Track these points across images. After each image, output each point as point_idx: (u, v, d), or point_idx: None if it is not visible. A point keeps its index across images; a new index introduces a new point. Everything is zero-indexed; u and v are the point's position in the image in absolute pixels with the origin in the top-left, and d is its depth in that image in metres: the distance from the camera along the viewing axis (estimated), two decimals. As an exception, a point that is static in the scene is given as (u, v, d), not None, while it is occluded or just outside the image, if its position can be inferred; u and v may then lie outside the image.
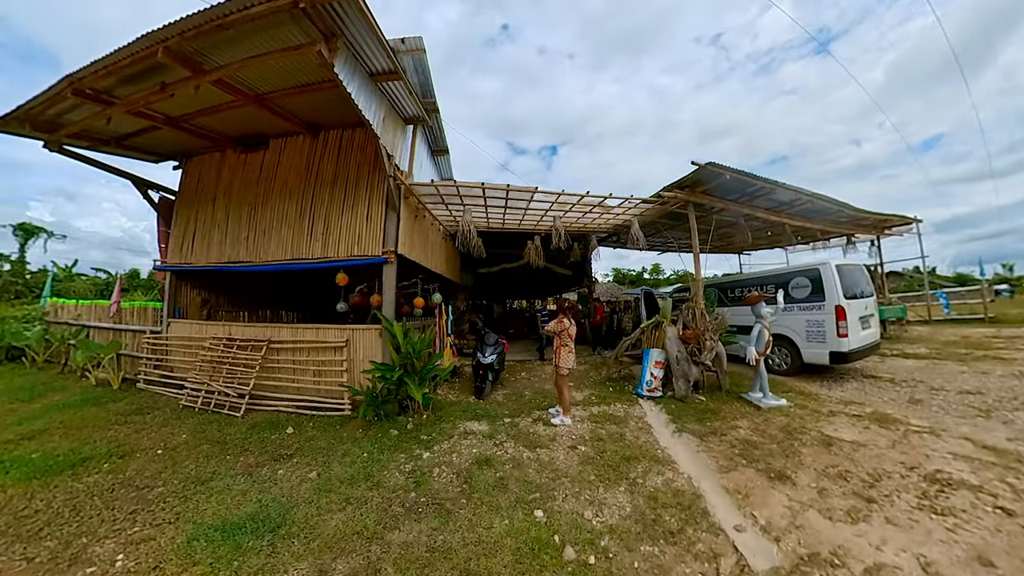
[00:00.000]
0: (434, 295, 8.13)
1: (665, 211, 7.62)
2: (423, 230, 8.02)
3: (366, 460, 3.88)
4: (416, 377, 5.27)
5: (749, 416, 4.94)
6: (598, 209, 7.50)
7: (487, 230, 9.80)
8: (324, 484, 3.41)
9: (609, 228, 9.39)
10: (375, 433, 4.63)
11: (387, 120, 5.65)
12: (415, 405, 5.19)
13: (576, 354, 5.27)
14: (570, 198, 6.62)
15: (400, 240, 6.51)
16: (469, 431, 4.70)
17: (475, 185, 6.35)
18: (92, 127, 6.16)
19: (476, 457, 3.94)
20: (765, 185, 6.47)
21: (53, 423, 5.15)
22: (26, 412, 5.69)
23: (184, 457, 4.09)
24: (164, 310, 7.60)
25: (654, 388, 5.82)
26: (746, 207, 7.30)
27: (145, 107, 5.55)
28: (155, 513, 3.05)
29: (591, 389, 6.63)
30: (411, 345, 5.35)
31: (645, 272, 46.08)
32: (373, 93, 5.15)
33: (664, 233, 10.83)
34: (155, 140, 7.15)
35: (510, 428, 4.84)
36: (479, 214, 8.39)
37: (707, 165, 5.68)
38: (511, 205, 7.35)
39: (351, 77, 4.54)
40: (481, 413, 5.40)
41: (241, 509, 3.04)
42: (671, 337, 5.77)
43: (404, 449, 4.18)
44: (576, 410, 5.46)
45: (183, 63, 4.52)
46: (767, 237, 10.91)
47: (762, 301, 5.26)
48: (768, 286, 7.14)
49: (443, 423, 4.94)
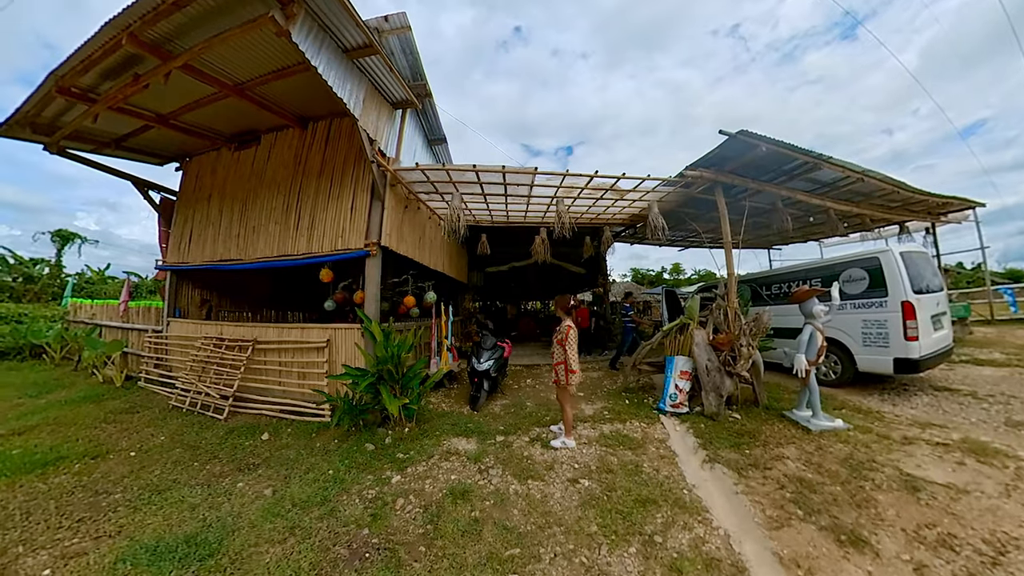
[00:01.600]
0: (427, 293, 7.38)
1: (689, 196, 6.58)
2: (417, 223, 7.30)
3: (329, 479, 3.41)
4: (396, 385, 4.60)
5: (798, 442, 3.92)
6: (611, 195, 6.54)
7: (491, 225, 9.00)
8: (275, 505, 3.02)
9: (624, 219, 8.39)
10: (349, 446, 4.13)
11: (368, 102, 5.08)
12: (399, 416, 4.58)
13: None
14: (577, 180, 5.70)
15: (385, 232, 5.90)
16: (453, 450, 4.02)
17: (466, 168, 5.55)
18: (87, 128, 6.10)
19: (453, 487, 3.25)
20: (807, 160, 5.37)
21: (47, 419, 5.18)
22: (29, 407, 5.81)
23: (153, 461, 3.90)
24: (165, 310, 7.58)
25: (679, 403, 4.85)
26: (784, 188, 6.19)
27: (125, 102, 5.32)
28: (100, 524, 2.86)
29: (604, 401, 5.70)
30: (390, 348, 4.66)
31: (665, 272, 44.31)
32: (349, 71, 4.65)
33: (687, 225, 9.72)
34: (152, 141, 7.07)
35: (501, 449, 4.05)
36: (479, 206, 7.60)
37: (738, 134, 4.67)
38: (512, 192, 6.51)
39: (317, 51, 4.06)
40: (472, 428, 4.65)
41: (184, 527, 2.78)
42: (699, 343, 4.78)
43: (374, 468, 3.62)
44: (584, 428, 4.58)
45: (150, 50, 4.30)
46: (806, 227, 9.58)
47: (814, 297, 4.20)
48: (812, 280, 6.01)
49: (426, 439, 4.29)
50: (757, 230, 9.63)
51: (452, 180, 6.03)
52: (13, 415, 5.42)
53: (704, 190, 6.12)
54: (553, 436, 4.23)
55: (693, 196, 6.58)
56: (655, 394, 5.77)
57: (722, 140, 4.84)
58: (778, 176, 6.09)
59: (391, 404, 4.31)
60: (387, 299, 7.24)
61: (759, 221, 8.42)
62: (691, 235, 10.94)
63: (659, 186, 6.09)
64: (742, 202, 6.95)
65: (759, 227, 9.18)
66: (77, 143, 6.69)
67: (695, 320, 5.11)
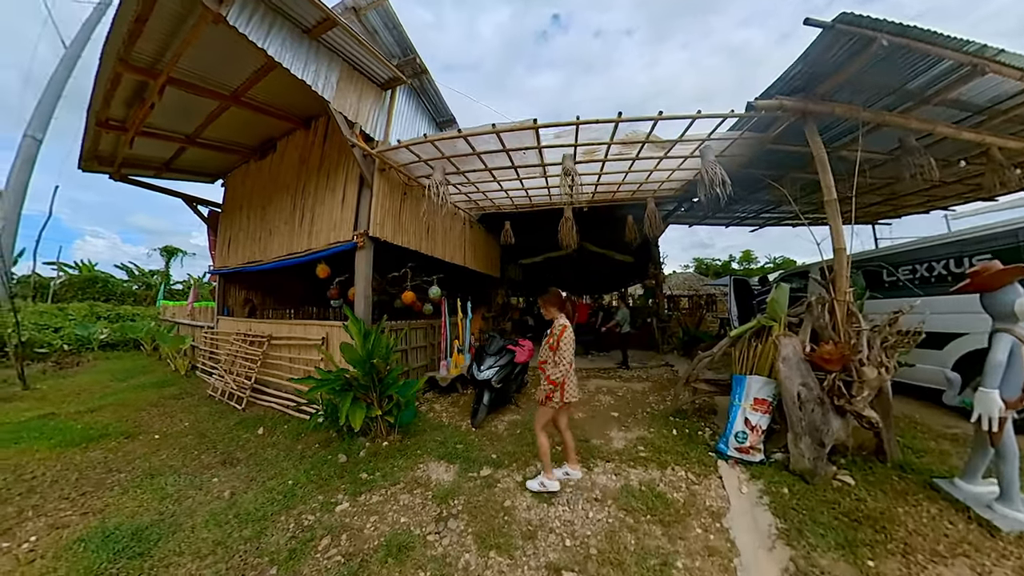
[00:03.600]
0: (432, 288, 6.34)
1: (763, 145, 4.66)
2: (420, 210, 6.25)
3: (285, 491, 3.06)
4: (372, 392, 3.91)
5: (971, 550, 2.11)
6: (650, 152, 4.83)
7: (515, 211, 7.68)
8: (223, 512, 2.81)
9: (676, 189, 6.51)
10: (325, 454, 3.73)
11: (344, 83, 4.63)
12: (379, 425, 3.97)
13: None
14: (597, 129, 4.08)
15: (374, 221, 5.18)
16: (423, 480, 3.21)
17: (451, 136, 4.37)
18: (137, 156, 6.79)
19: (394, 536, 2.48)
20: (961, 59, 3.25)
21: (117, 400, 5.83)
22: (112, 389, 6.66)
23: (167, 446, 4.09)
24: (215, 309, 8.26)
25: (749, 447, 3.19)
26: (914, 118, 4.01)
27: (149, 126, 5.82)
28: (94, 500, 3.02)
29: (643, 428, 4.20)
30: (365, 350, 3.94)
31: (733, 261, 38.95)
32: (316, 53, 4.24)
33: (760, 195, 7.48)
34: (194, 161, 7.54)
35: (479, 489, 3.00)
36: (492, 188, 6.33)
37: (840, 22, 2.83)
38: (521, 163, 5.17)
39: (266, 34, 3.68)
40: (460, 451, 3.71)
41: (144, 517, 2.77)
42: (789, 356, 3.05)
43: (330, 487, 3.12)
44: (604, 469, 3.28)
45: (145, 73, 4.55)
46: (949, 183, 6.69)
47: (1015, 281, 2.24)
48: (979, 254, 3.77)
49: (402, 458, 3.59)
50: (861, 195, 6.98)
51: (444, 155, 4.89)
52: (98, 395, 6.26)
53: (784, 132, 4.19)
54: (551, 476, 2.97)
55: (768, 146, 4.64)
56: (715, 425, 4.06)
57: (812, 40, 3.01)
58: (902, 100, 3.95)
59: (354, 416, 3.58)
60: (387, 295, 6.35)
61: (877, 179, 6.01)
62: (767, 209, 8.54)
63: (718, 132, 4.26)
64: (844, 151, 4.81)
65: (863, 190, 6.62)
66: (136, 170, 7.35)
67: (781, 321, 3.35)
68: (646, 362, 7.82)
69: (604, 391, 5.82)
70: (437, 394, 5.77)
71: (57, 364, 9.14)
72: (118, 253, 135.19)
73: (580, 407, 5.13)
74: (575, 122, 3.84)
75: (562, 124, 3.89)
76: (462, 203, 7.49)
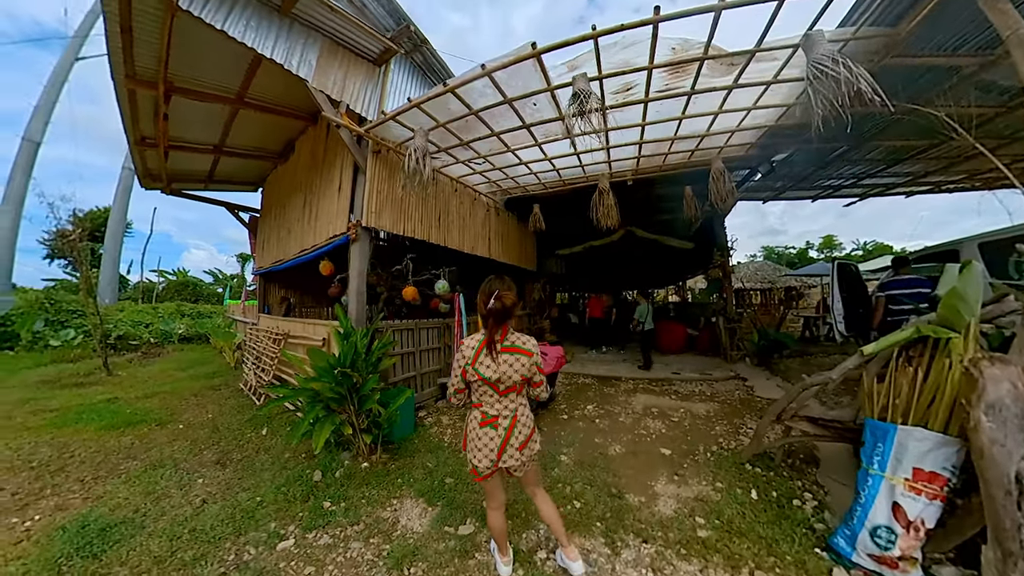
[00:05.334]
0: (439, 283, 5.41)
1: (884, 56, 2.95)
2: (433, 197, 5.37)
3: (249, 509, 2.74)
4: (348, 404, 3.26)
5: None
6: (713, 75, 3.31)
7: (545, 192, 6.47)
8: (182, 523, 2.59)
9: (749, 145, 4.80)
10: (305, 467, 3.31)
11: (326, 60, 4.12)
12: (359, 442, 3.35)
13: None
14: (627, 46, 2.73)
15: (368, 209, 4.44)
16: (385, 525, 2.52)
17: (438, 94, 3.38)
18: (181, 170, 7.08)
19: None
20: None
21: (170, 389, 6.11)
22: (172, 377, 7.09)
23: (183, 437, 4.10)
24: (257, 307, 8.62)
25: (899, 556, 1.74)
26: None
27: (173, 139, 5.87)
28: (99, 487, 3.07)
29: (704, 479, 2.93)
30: (338, 357, 3.38)
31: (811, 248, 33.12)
32: (290, 29, 3.82)
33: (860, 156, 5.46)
34: (231, 172, 7.65)
35: (447, 559, 2.19)
36: (507, 161, 5.19)
37: None
38: (534, 118, 3.94)
39: (226, 15, 3.32)
40: (446, 489, 2.91)
41: (123, 511, 2.73)
42: (1003, 402, 1.54)
43: (290, 513, 2.70)
44: (639, 555, 2.11)
45: (149, 85, 4.54)
46: None
47: None
48: None
49: (378, 486, 2.98)
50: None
51: (440, 123, 3.92)
52: (158, 382, 6.60)
53: (930, 25, 2.49)
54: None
55: (891, 59, 2.92)
56: (819, 489, 2.58)
57: None
58: None
59: (318, 434, 3.00)
60: (397, 291, 5.53)
61: None
62: (874, 170, 6.27)
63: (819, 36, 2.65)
64: None
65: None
66: (184, 183, 7.63)
67: (970, 330, 1.80)
68: (710, 371, 6.16)
69: (653, 413, 4.43)
70: (395, 412, 4.87)
71: (144, 354, 10.05)
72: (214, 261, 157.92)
73: (618, 437, 3.83)
74: (591, 34, 2.54)
75: (572, 41, 2.59)
76: (482, 186, 6.45)
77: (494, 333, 1.75)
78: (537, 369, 1.83)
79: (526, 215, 6.71)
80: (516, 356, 1.76)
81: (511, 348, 1.76)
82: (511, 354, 1.75)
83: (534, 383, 1.87)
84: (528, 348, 1.79)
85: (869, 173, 6.51)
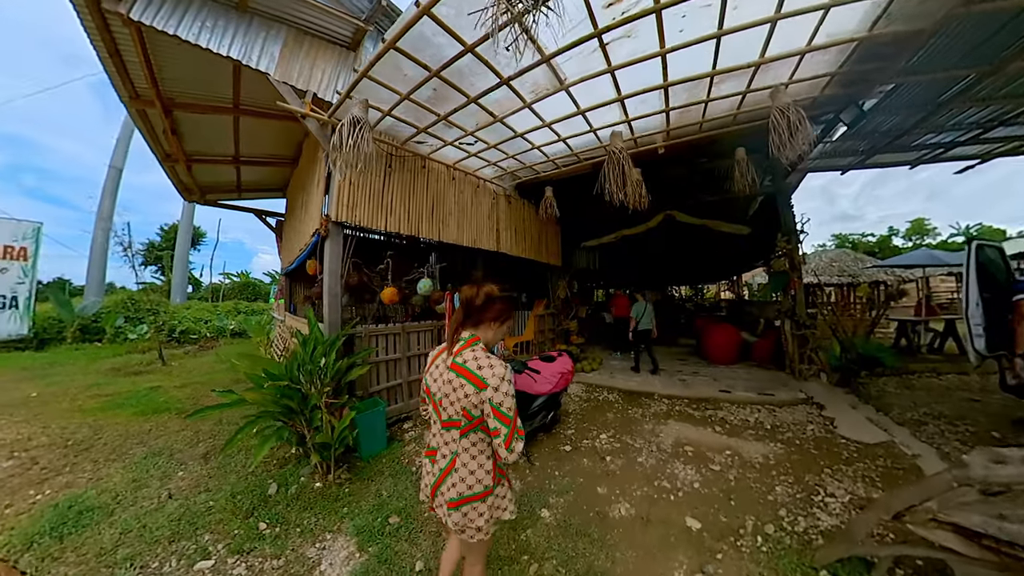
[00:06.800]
0: (421, 282, 4.67)
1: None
2: (423, 187, 4.66)
3: (198, 513, 2.60)
4: (299, 417, 2.90)
5: None
6: None
7: (561, 174, 5.44)
8: (141, 517, 2.57)
9: (821, 87, 3.35)
10: (268, 477, 3.05)
11: (290, 51, 3.81)
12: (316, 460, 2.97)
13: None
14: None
15: (339, 202, 3.90)
16: (299, 570, 2.13)
17: (379, 55, 2.62)
18: (211, 183, 7.33)
19: None
20: None
21: (205, 379, 6.35)
22: (212, 369, 7.36)
23: (191, 427, 4.08)
24: (284, 305, 8.82)
25: None
26: None
27: (191, 153, 5.97)
28: (108, 468, 3.20)
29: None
30: (289, 363, 3.05)
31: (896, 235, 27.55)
32: (249, 24, 3.62)
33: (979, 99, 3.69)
34: (256, 180, 7.73)
35: None
36: (501, 135, 4.24)
37: None
38: (510, 69, 2.94)
39: (179, 21, 3.22)
40: (387, 532, 2.41)
41: (105, 496, 2.79)
42: None
43: (227, 528, 2.45)
44: None
45: (151, 105, 4.58)
46: None
47: None
48: None
49: (320, 513, 2.61)
50: None
51: (404, 95, 3.14)
52: (200, 373, 6.88)
53: None
54: None
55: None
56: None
57: None
58: None
59: (258, 449, 2.65)
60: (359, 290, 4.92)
61: None
62: (1011, 114, 4.33)
63: None
64: None
65: None
66: (218, 194, 7.93)
67: None
68: (771, 391, 4.73)
69: (687, 454, 3.29)
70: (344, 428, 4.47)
71: (200, 347, 10.75)
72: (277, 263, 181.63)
73: (630, 488, 2.80)
74: None
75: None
76: (485, 171, 5.55)
77: (452, 334, 1.39)
78: (494, 412, 1.25)
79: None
80: (461, 381, 1.29)
81: (460, 367, 1.30)
82: (457, 374, 1.30)
83: (490, 431, 1.28)
84: (480, 376, 1.26)
85: (1003, 118, 4.57)
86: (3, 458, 3.34)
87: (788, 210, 5.71)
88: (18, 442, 3.65)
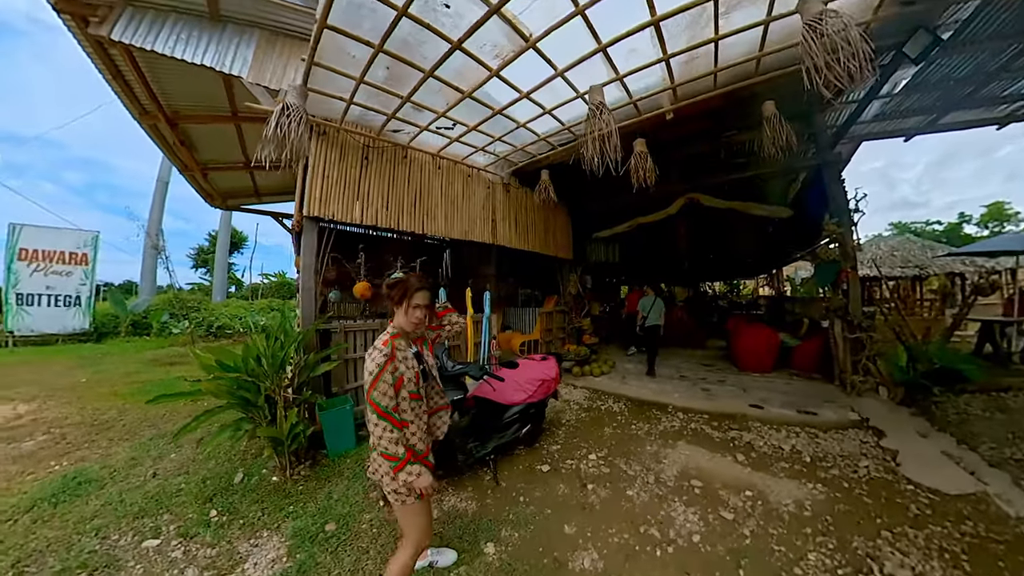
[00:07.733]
0: (394, 275, 4.28)
1: None
2: (404, 177, 4.26)
3: (163, 496, 2.67)
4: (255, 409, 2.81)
5: None
6: None
7: (559, 155, 4.81)
8: (122, 495, 2.67)
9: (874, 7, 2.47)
10: (239, 465, 3.09)
11: (263, 52, 3.75)
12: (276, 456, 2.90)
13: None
14: None
15: (312, 195, 3.68)
16: (224, 565, 2.03)
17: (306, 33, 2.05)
18: (232, 188, 7.48)
19: None
20: None
21: None
22: None
23: (196, 412, 4.04)
24: None
25: None
26: None
27: (204, 162, 6.12)
28: (117, 446, 3.47)
29: None
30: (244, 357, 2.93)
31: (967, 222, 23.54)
32: (223, 31, 3.61)
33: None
34: (274, 184, 7.70)
35: None
36: (476, 115, 3.70)
37: None
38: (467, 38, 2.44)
39: (156, 35, 3.32)
40: (318, 539, 2.25)
41: (104, 471, 2.97)
42: None
43: (180, 513, 2.49)
44: None
45: (157, 119, 4.70)
46: None
47: None
48: None
49: (268, 510, 2.51)
50: None
51: (359, 79, 2.79)
52: None
53: None
54: None
55: None
56: None
57: None
58: None
59: (210, 438, 2.76)
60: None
61: None
62: None
63: None
64: None
65: None
66: (239, 199, 8.06)
67: None
68: (813, 409, 3.83)
69: (692, 489, 2.65)
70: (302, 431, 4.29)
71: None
72: None
73: (607, 532, 2.21)
74: None
75: None
76: (476, 158, 5.02)
77: None
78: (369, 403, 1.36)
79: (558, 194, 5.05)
80: None
81: None
82: None
83: None
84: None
85: None
86: (40, 433, 3.72)
87: (838, 184, 4.66)
88: (56, 420, 4.06)
